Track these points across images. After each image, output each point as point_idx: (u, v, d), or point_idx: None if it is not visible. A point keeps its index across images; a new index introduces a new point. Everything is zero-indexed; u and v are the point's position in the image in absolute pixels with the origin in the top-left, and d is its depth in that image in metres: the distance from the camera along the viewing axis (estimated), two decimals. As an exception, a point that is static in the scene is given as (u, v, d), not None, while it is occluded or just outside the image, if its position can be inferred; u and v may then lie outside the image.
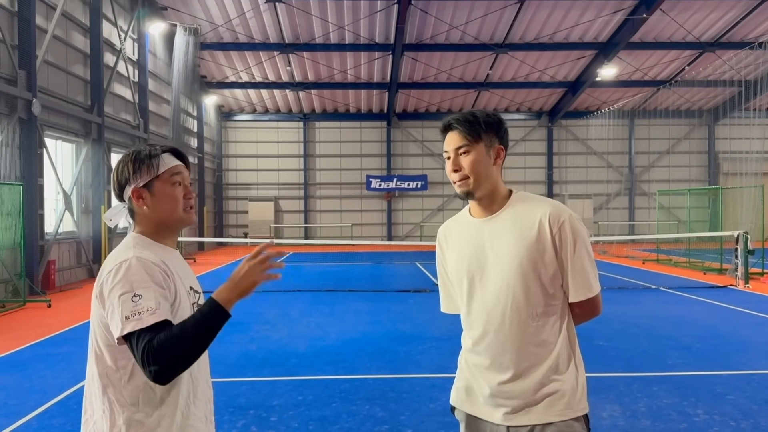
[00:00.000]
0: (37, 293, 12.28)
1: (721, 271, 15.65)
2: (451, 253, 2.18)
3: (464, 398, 2.13)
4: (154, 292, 1.67)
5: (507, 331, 2.00)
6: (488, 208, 2.08)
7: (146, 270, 1.71)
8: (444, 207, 30.94)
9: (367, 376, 6.38)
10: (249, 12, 21.29)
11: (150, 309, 1.64)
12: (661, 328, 8.87)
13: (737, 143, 28.55)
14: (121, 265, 1.72)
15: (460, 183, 2.06)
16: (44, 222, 13.79)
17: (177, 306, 1.76)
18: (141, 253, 1.76)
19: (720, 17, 22.14)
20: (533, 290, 1.99)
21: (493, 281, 2.03)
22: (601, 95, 28.79)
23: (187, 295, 1.83)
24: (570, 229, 1.98)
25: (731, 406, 5.30)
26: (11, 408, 5.38)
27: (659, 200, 25.91)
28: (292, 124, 30.76)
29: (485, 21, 21.88)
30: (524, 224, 2.01)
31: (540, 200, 2.06)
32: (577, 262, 1.98)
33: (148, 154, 1.87)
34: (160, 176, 1.86)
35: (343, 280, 14.94)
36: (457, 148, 2.05)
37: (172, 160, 1.90)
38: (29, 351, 7.66)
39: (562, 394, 1.98)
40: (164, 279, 1.74)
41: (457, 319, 2.34)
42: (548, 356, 1.99)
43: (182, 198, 1.89)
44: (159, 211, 1.86)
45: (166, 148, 1.92)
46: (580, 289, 2.00)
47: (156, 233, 1.89)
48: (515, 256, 1.99)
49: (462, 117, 2.07)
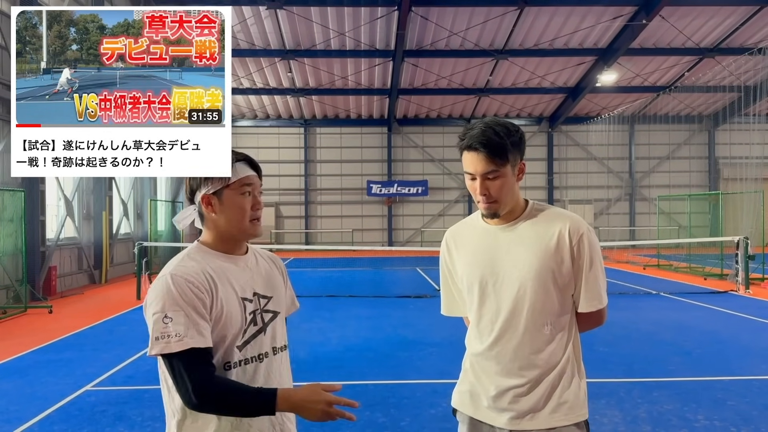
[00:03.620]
0: (38, 299, 12.29)
1: (721, 276, 15.64)
2: (461, 258, 2.17)
3: (468, 402, 2.16)
4: (185, 317, 1.71)
5: (520, 338, 2.04)
6: (505, 216, 2.10)
7: (178, 289, 1.74)
8: (445, 212, 30.93)
9: (368, 381, 6.39)
10: (250, 18, 21.38)
11: (178, 335, 1.68)
12: (662, 333, 8.87)
13: (737, 149, 28.53)
14: (160, 280, 1.78)
15: (488, 206, 2.05)
16: (46, 228, 13.80)
17: (220, 314, 1.79)
18: (182, 267, 1.80)
19: (719, 23, 22.20)
20: (548, 299, 2.03)
21: (508, 289, 2.05)
22: (601, 101, 28.83)
23: (241, 303, 1.84)
24: (587, 242, 2.04)
25: (732, 411, 5.30)
26: (13, 414, 5.39)
27: (660, 205, 25.90)
28: (293, 129, 30.82)
29: (485, 27, 21.94)
30: (544, 234, 2.04)
31: (558, 211, 2.11)
32: (592, 274, 2.05)
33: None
34: (231, 185, 1.87)
35: (344, 286, 14.95)
36: (484, 174, 2.00)
37: (246, 169, 1.90)
38: (31, 357, 7.67)
39: (566, 401, 2.03)
40: (199, 293, 1.75)
41: (458, 325, 2.36)
42: (557, 364, 2.05)
43: (250, 209, 1.89)
44: (225, 219, 1.88)
45: (241, 157, 1.92)
46: (591, 300, 2.06)
47: (220, 241, 1.91)
48: (533, 265, 2.02)
49: (487, 139, 1.97)
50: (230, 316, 1.80)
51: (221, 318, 1.79)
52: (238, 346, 1.82)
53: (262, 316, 1.90)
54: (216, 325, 1.78)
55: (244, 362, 1.83)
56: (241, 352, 1.83)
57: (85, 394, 6.00)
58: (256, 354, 1.86)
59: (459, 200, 30.97)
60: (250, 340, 1.85)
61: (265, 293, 1.93)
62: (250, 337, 1.85)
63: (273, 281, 2.00)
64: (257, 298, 1.90)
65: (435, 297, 12.80)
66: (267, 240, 28.96)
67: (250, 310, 1.86)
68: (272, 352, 1.91)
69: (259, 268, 1.98)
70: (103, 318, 10.55)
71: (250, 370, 1.84)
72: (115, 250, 17.68)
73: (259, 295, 1.91)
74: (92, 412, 5.44)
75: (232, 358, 1.81)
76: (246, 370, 1.83)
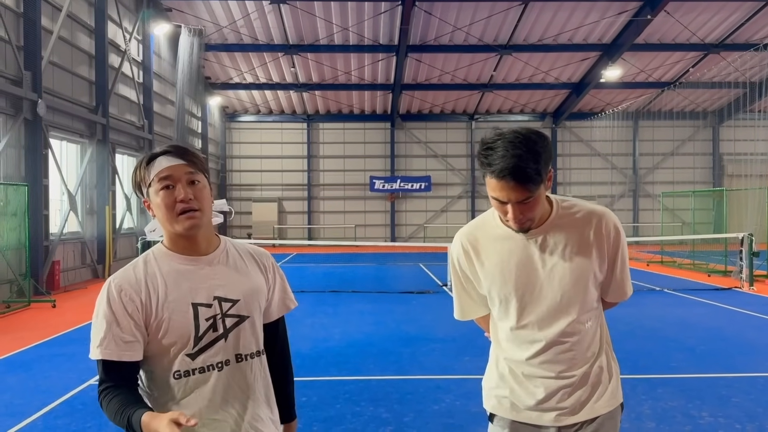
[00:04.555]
0: (41, 293, 12.32)
1: (725, 273, 15.60)
2: (486, 269, 2.05)
3: (508, 407, 2.10)
4: (107, 328, 1.69)
5: (567, 342, 2.02)
6: None
7: (110, 298, 1.71)
8: (448, 208, 30.91)
9: (372, 377, 6.38)
10: (253, 13, 21.33)
11: (99, 343, 1.70)
12: (666, 330, 8.85)
13: (742, 145, 28.43)
14: (103, 288, 1.76)
15: (520, 226, 1.94)
16: (49, 222, 13.83)
17: (161, 322, 1.71)
18: (122, 273, 1.77)
19: (725, 19, 22.09)
20: (589, 299, 2.02)
21: (548, 297, 1.99)
22: (606, 97, 28.75)
23: (193, 308, 1.73)
24: (619, 236, 2.03)
25: (736, 408, 5.28)
26: (17, 408, 5.40)
27: (663, 202, 25.80)
28: (296, 125, 30.79)
29: (489, 22, 21.87)
30: (578, 236, 1.98)
31: (586, 207, 2.03)
32: (624, 269, 2.07)
33: (141, 163, 1.78)
34: (151, 183, 1.74)
35: (347, 281, 14.94)
36: (518, 201, 1.85)
37: (164, 162, 1.73)
38: (34, 351, 7.69)
39: (606, 388, 2.06)
40: (130, 303, 1.70)
41: (461, 321, 2.32)
42: (598, 357, 2.06)
43: (172, 203, 1.71)
44: (159, 219, 1.77)
45: (159, 151, 1.76)
46: (627, 288, 2.11)
47: (172, 243, 1.79)
48: (574, 271, 1.97)
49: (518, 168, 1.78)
50: (175, 324, 1.71)
51: (162, 326, 1.71)
52: (189, 354, 1.72)
53: (223, 322, 1.76)
54: (156, 333, 1.71)
55: (199, 371, 1.73)
56: (195, 361, 1.72)
57: (89, 388, 6.01)
58: (213, 362, 1.74)
59: (462, 196, 30.94)
60: (206, 348, 1.73)
61: (228, 296, 1.78)
62: (206, 345, 1.73)
63: (244, 283, 1.83)
64: (218, 302, 1.76)
65: (438, 293, 12.79)
66: (270, 235, 28.98)
67: (207, 315, 1.73)
68: (235, 359, 1.77)
69: (228, 268, 1.82)
70: (106, 312, 10.55)
71: (204, 379, 1.73)
72: (118, 244, 17.70)
73: (220, 298, 1.76)
74: (96, 406, 5.44)
75: (182, 366, 1.72)
76: (200, 379, 1.73)
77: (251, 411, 1.80)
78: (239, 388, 1.79)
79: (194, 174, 1.75)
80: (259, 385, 1.84)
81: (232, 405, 1.77)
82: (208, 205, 1.78)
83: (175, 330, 1.71)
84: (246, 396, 1.80)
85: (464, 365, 6.82)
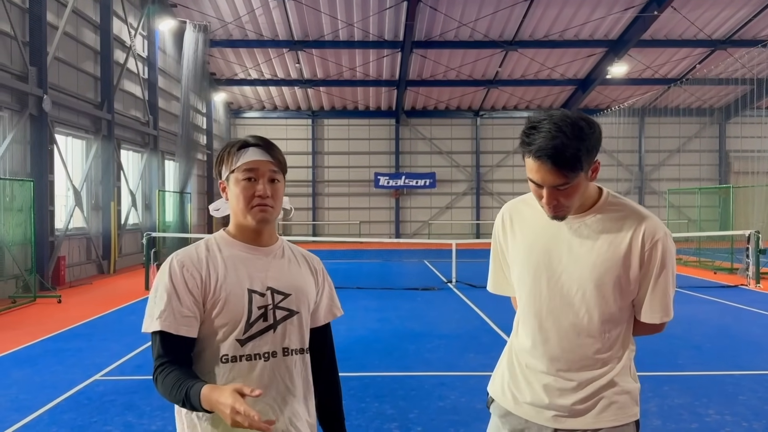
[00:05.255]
0: (47, 289, 12.36)
1: (731, 270, 15.54)
2: (516, 239, 1.99)
3: (509, 397, 2.02)
4: (168, 301, 1.72)
5: (573, 342, 1.89)
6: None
7: (171, 273, 1.75)
8: (452, 205, 30.87)
9: (376, 373, 6.38)
10: (258, 9, 21.31)
11: (158, 315, 1.72)
12: (672, 327, 8.72)
13: (748, 142, 28.30)
14: (165, 263, 1.80)
15: (555, 214, 1.84)
16: (54, 218, 13.87)
17: (218, 301, 1.75)
18: (185, 251, 1.82)
19: (732, 15, 21.95)
20: (609, 304, 1.86)
21: (564, 287, 1.88)
22: (611, 93, 28.64)
23: (247, 294, 1.77)
24: (662, 249, 1.84)
25: (743, 406, 5.25)
26: (23, 402, 5.41)
27: (669, 199, 25.74)
28: (301, 121, 30.79)
29: (495, 18, 21.80)
30: (615, 234, 1.85)
31: (635, 209, 1.89)
32: (662, 284, 1.87)
33: (231, 147, 1.84)
34: (235, 171, 1.80)
35: (352, 278, 14.94)
36: (553, 186, 1.76)
37: (253, 155, 1.80)
38: (40, 346, 7.71)
39: (615, 401, 1.91)
40: (191, 278, 1.75)
41: (466, 318, 2.31)
42: (611, 370, 1.91)
43: (251, 195, 1.77)
44: (232, 206, 1.84)
45: (252, 142, 1.82)
46: (656, 311, 1.89)
47: (238, 230, 1.85)
48: (597, 267, 1.84)
49: (556, 150, 1.69)
50: (230, 306, 1.75)
51: (218, 305, 1.74)
52: (239, 340, 1.75)
53: (274, 313, 1.81)
54: (210, 312, 1.75)
55: (246, 358, 1.76)
56: (243, 347, 1.76)
57: (95, 383, 6.02)
58: (261, 352, 1.77)
59: (467, 193, 30.89)
60: (255, 336, 1.77)
61: (281, 289, 1.83)
62: (256, 333, 1.77)
63: (297, 280, 1.89)
64: (271, 293, 1.81)
65: (443, 290, 12.78)
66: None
67: (259, 304, 1.78)
68: (282, 352, 1.81)
69: (283, 263, 1.89)
70: (111, 308, 10.59)
71: (250, 367, 1.76)
72: (123, 240, 17.74)
73: (273, 290, 1.82)
74: (101, 401, 5.46)
75: (230, 351, 1.75)
76: (248, 367, 1.76)
77: (291, 407, 1.82)
78: (282, 382, 1.81)
79: (276, 173, 1.83)
80: (301, 383, 1.86)
81: (274, 398, 1.79)
82: (281, 203, 1.86)
83: (229, 311, 1.75)
84: (288, 391, 1.82)
85: (469, 362, 6.81)
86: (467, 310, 10.00)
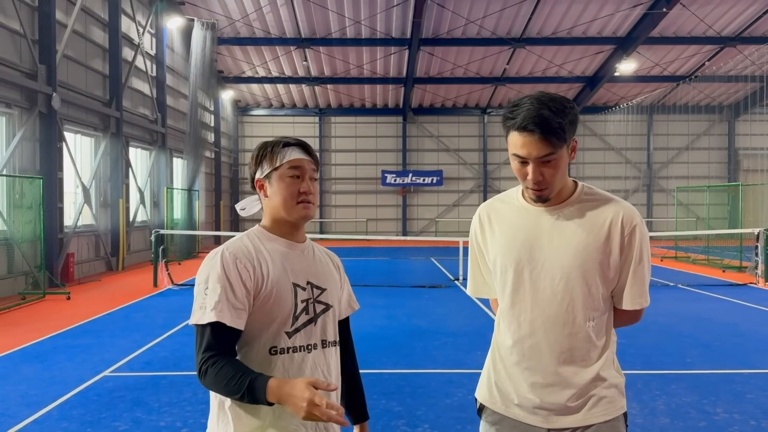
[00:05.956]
0: (56, 285, 12.43)
1: (740, 268, 15.45)
2: (495, 237, 2.00)
3: (498, 399, 2.00)
4: (222, 292, 1.73)
5: (558, 333, 1.89)
6: (552, 198, 1.92)
7: (224, 264, 1.77)
8: (459, 203, 30.83)
9: (384, 370, 6.40)
10: (266, 7, 21.33)
11: (211, 308, 1.72)
12: (680, 325, 8.78)
13: (758, 139, 28.13)
14: (212, 254, 1.83)
15: (540, 192, 1.87)
16: (63, 215, 13.95)
17: (269, 294, 1.79)
18: (235, 244, 1.85)
19: (741, 11, 21.79)
20: (592, 292, 1.88)
21: (548, 277, 1.89)
22: (620, 90, 28.50)
23: (292, 288, 1.83)
24: (639, 234, 1.89)
25: (752, 405, 5.23)
26: (32, 398, 5.46)
27: (678, 197, 25.60)
28: (308, 118, 30.81)
29: (503, 15, 21.73)
30: (593, 222, 1.88)
31: (610, 198, 1.94)
32: (640, 270, 1.91)
33: (272, 146, 1.91)
34: (279, 168, 1.87)
35: (359, 275, 14.96)
36: (540, 157, 1.80)
37: (296, 153, 1.90)
38: (49, 342, 7.76)
39: (604, 396, 1.92)
40: (245, 270, 1.77)
41: (473, 315, 2.32)
42: (596, 361, 1.91)
43: (297, 192, 1.86)
44: (274, 202, 1.88)
45: (293, 142, 1.92)
46: (636, 297, 1.92)
47: (276, 225, 1.92)
48: (579, 255, 1.86)
49: (543, 119, 1.76)
50: (279, 298, 1.80)
51: (269, 298, 1.79)
52: (287, 332, 1.81)
53: (314, 306, 1.88)
54: (263, 304, 1.78)
55: (293, 350, 1.81)
56: (291, 339, 1.81)
57: (103, 379, 6.06)
58: (305, 344, 1.84)
59: (474, 190, 30.84)
60: (300, 329, 1.83)
61: (319, 284, 1.91)
62: (301, 326, 1.83)
63: (328, 275, 1.97)
64: (311, 287, 1.88)
65: (450, 287, 12.78)
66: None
67: (302, 297, 1.85)
68: (321, 344, 1.88)
69: (316, 259, 1.97)
70: (120, 305, 10.65)
71: (297, 359, 1.81)
72: (131, 237, 17.82)
73: (312, 284, 1.89)
74: (110, 397, 5.49)
75: (279, 343, 1.79)
76: (294, 359, 1.81)
77: (327, 397, 1.83)
78: (322, 373, 1.87)
79: (315, 172, 1.94)
80: (336, 373, 1.94)
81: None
82: (317, 201, 1.95)
83: (279, 305, 1.80)
84: (327, 381, 1.87)
85: (476, 359, 6.81)
86: (474, 308, 9.98)
